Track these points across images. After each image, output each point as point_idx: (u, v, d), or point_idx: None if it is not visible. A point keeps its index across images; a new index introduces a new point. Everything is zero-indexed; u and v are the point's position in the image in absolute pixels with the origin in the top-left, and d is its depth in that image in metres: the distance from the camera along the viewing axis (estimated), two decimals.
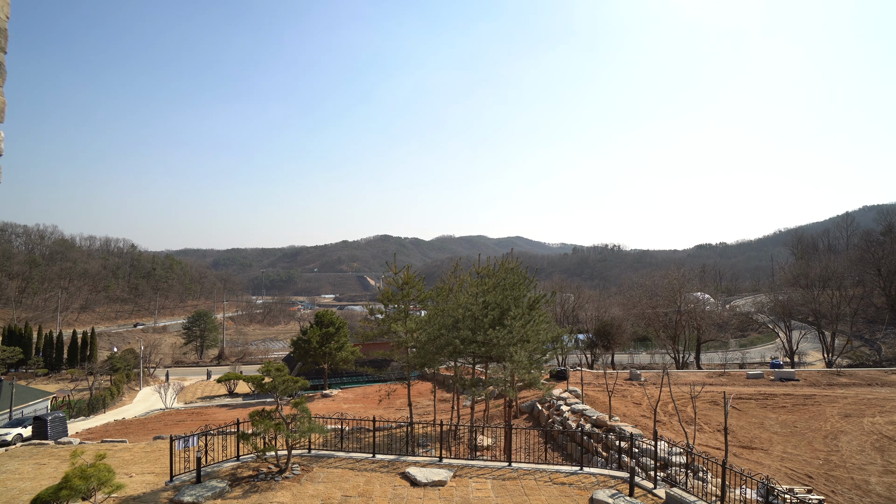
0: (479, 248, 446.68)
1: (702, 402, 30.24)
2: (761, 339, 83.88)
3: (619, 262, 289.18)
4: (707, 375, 41.31)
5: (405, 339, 26.34)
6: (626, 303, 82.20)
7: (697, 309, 61.80)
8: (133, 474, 22.16)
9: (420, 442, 27.62)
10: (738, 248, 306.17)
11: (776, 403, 30.20)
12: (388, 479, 16.78)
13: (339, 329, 55.09)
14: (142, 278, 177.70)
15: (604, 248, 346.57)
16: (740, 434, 24.27)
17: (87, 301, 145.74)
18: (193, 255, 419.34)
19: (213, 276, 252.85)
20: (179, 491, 15.73)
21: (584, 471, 17.22)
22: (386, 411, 40.85)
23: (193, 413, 44.56)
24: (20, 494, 20.14)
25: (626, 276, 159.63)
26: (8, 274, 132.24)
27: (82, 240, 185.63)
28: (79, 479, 14.44)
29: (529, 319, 25.39)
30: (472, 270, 29.75)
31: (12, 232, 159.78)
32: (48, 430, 33.38)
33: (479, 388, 25.02)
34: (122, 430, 38.21)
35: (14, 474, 24.72)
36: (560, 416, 28.56)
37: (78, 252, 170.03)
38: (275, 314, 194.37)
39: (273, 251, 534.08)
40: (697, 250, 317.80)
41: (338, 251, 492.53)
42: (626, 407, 29.45)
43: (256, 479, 16.69)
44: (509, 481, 16.47)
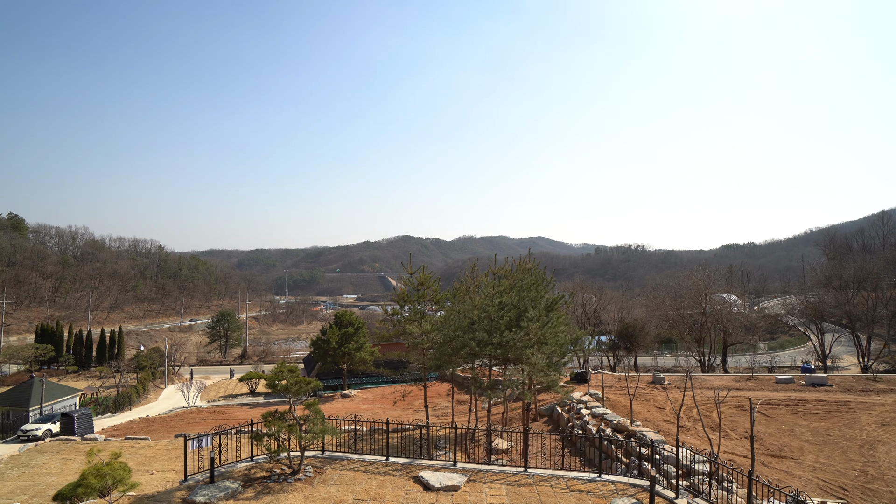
0: (501, 248, 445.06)
1: (728, 407, 29.24)
2: (792, 343, 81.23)
3: (643, 263, 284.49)
4: (734, 379, 40.04)
5: (420, 341, 26.07)
6: (649, 304, 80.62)
7: (724, 310, 60.12)
8: (154, 471, 22.40)
9: (437, 444, 27.33)
10: (766, 248, 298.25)
11: (808, 410, 29.00)
12: (400, 483, 16.51)
13: (358, 329, 55.15)
14: (168, 278, 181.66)
15: (627, 249, 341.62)
16: (769, 442, 23.30)
17: (117, 300, 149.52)
18: (219, 255, 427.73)
19: (238, 276, 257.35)
20: (193, 491, 15.73)
21: (602, 478, 16.67)
22: (404, 412, 40.68)
23: (215, 412, 45.11)
24: (47, 489, 20.54)
25: (650, 277, 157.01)
26: (42, 274, 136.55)
27: (112, 241, 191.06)
28: (94, 478, 14.53)
29: (547, 321, 24.89)
30: (488, 271, 29.28)
31: (46, 233, 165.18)
32: (75, 426, 34.21)
33: (495, 391, 24.59)
34: (145, 427, 38.86)
35: (42, 469, 25.29)
36: (580, 419, 27.93)
37: (108, 253, 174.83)
38: (297, 314, 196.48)
39: (296, 252, 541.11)
40: (724, 250, 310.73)
41: (360, 252, 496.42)
42: (648, 411, 28.64)
43: (269, 481, 16.60)
44: (525, 487, 16.03)
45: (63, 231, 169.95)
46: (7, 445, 33.31)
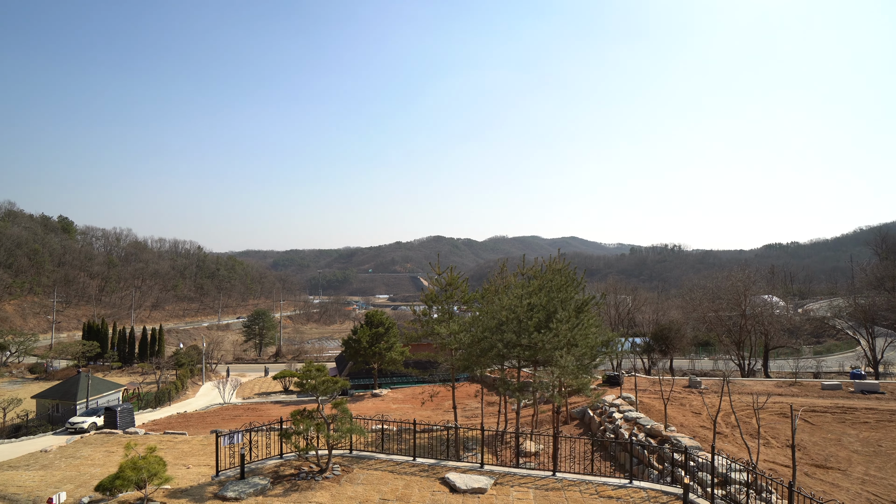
0: (533, 248, 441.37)
1: (769, 413, 28.04)
2: (839, 347, 77.52)
3: (680, 263, 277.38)
4: (776, 385, 38.42)
5: (448, 341, 25.94)
6: (685, 305, 78.27)
7: (765, 312, 57.77)
8: (190, 465, 23.03)
9: (466, 445, 27.16)
10: (812, 247, 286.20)
11: (856, 418, 27.51)
12: (427, 484, 16.43)
13: (388, 329, 55.52)
14: (207, 278, 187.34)
15: (663, 249, 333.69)
16: (813, 451, 22.19)
17: (158, 299, 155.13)
18: (255, 256, 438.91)
19: (273, 276, 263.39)
20: (224, 486, 16.04)
21: (633, 484, 16.19)
22: (433, 413, 40.65)
23: (249, 409, 46.14)
24: (91, 479, 21.38)
25: (687, 278, 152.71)
26: (89, 273, 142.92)
27: (153, 242, 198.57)
28: (131, 471, 15.00)
29: (577, 323, 24.39)
30: (517, 271, 28.92)
31: (93, 235, 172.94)
32: (118, 420, 35.56)
33: (524, 393, 24.25)
34: (183, 422, 40.06)
35: (87, 460, 26.37)
36: (612, 423, 27.29)
37: (150, 253, 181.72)
38: (331, 314, 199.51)
39: (329, 252, 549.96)
40: (766, 250, 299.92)
41: (392, 252, 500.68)
42: (683, 416, 27.74)
43: (297, 478, 16.78)
44: (553, 492, 15.71)
45: (108, 233, 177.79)
46: (56, 437, 34.89)
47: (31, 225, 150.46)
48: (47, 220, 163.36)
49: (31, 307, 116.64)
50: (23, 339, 74.33)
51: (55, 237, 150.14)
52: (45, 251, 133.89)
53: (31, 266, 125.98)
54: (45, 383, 59.86)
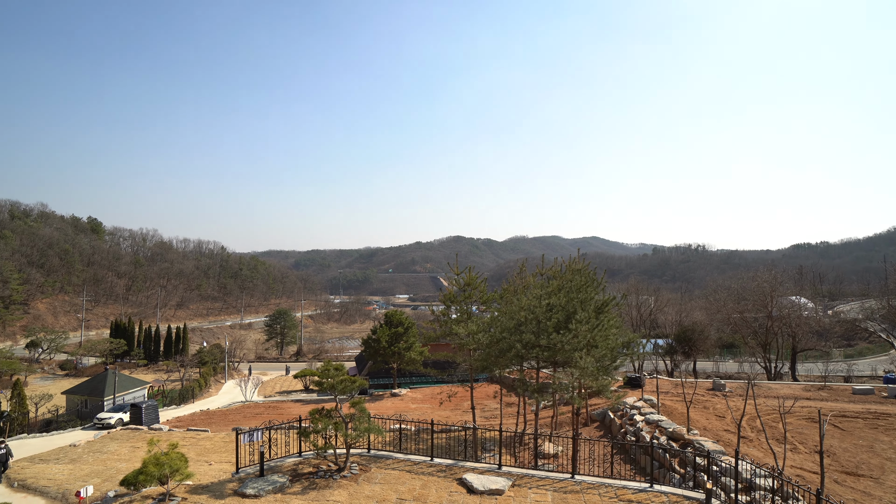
0: (553, 248, 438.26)
1: (797, 418, 27.27)
2: (871, 350, 75.08)
3: (704, 264, 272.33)
4: (804, 388, 37.37)
5: (467, 342, 25.85)
6: (709, 306, 76.74)
7: (793, 314, 56.30)
8: (212, 462, 23.38)
9: (484, 446, 27.03)
10: (842, 247, 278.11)
11: (890, 424, 26.57)
12: (444, 485, 16.38)
13: (407, 329, 55.62)
14: (230, 278, 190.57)
15: (687, 249, 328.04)
16: (843, 458, 21.49)
17: (182, 298, 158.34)
18: (276, 256, 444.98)
19: (294, 276, 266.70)
20: (243, 483, 16.23)
21: (654, 488, 15.88)
22: (452, 413, 40.60)
23: (270, 407, 46.71)
24: (117, 474, 21.88)
25: (711, 279, 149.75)
26: (117, 273, 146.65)
27: (178, 242, 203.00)
28: (153, 466, 15.28)
29: (597, 323, 24.05)
30: (536, 272, 28.67)
31: (120, 235, 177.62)
32: (143, 416, 36.34)
33: (543, 394, 24.02)
34: (206, 419, 40.74)
35: (113, 455, 27.01)
36: (633, 426, 26.86)
37: (175, 253, 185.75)
38: (351, 313, 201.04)
39: (350, 252, 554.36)
40: (794, 250, 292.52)
41: (412, 252, 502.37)
42: (707, 420, 27.16)
43: (315, 477, 16.89)
44: (571, 495, 15.51)
45: (135, 233, 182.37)
46: (85, 432, 35.81)
47: (62, 226, 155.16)
48: (77, 221, 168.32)
49: (62, 305, 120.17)
50: (54, 337, 76.67)
51: (85, 237, 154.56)
52: (76, 251, 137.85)
53: (62, 266, 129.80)
54: (75, 379, 61.60)
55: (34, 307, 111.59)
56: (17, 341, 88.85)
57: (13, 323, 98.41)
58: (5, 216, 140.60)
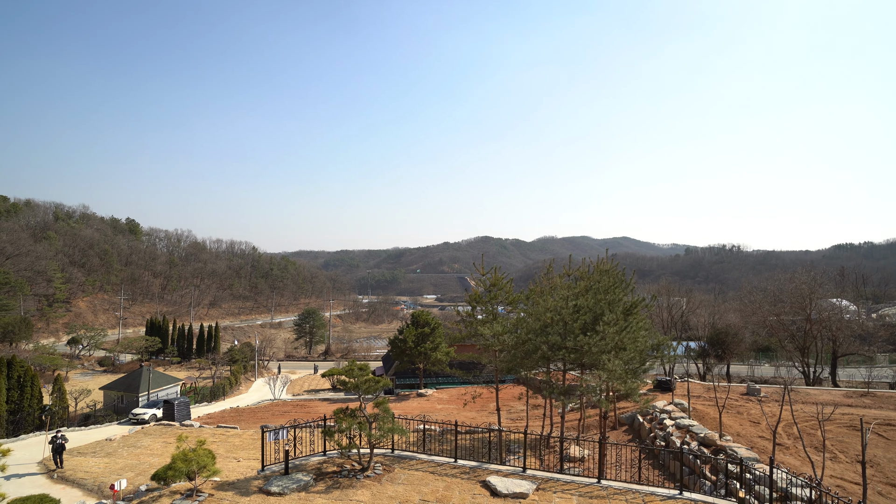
0: (583, 249, 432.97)
1: (837, 425, 26.09)
2: None
3: (739, 265, 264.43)
4: (845, 395, 35.77)
5: (492, 343, 25.63)
6: (744, 308, 74.28)
7: (833, 317, 54.02)
8: (240, 459, 23.80)
9: (510, 448, 26.76)
10: (888, 247, 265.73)
11: None
12: (467, 487, 16.23)
13: (434, 330, 55.62)
14: (261, 278, 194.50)
15: (721, 249, 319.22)
16: (888, 468, 20.43)
17: (215, 298, 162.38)
18: (306, 256, 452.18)
19: (324, 276, 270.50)
20: (268, 481, 16.42)
21: (683, 496, 15.38)
22: (478, 414, 40.37)
23: (298, 405, 47.35)
24: (149, 468, 22.49)
25: (747, 280, 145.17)
26: (153, 272, 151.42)
27: (211, 243, 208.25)
28: (182, 462, 15.58)
29: (626, 325, 23.50)
30: (563, 272, 28.22)
31: (156, 236, 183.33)
32: (175, 412, 37.29)
33: (570, 397, 23.62)
34: (235, 416, 41.56)
35: (146, 450, 27.77)
36: (663, 430, 26.18)
37: (208, 254, 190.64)
38: (379, 313, 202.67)
39: (378, 252, 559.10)
40: (835, 251, 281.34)
41: (439, 252, 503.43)
42: (740, 425, 26.24)
43: (339, 476, 16.96)
44: (597, 500, 15.15)
45: (171, 234, 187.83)
46: (120, 427, 37.00)
47: (102, 227, 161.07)
48: (116, 222, 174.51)
49: (101, 304, 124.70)
50: (93, 334, 79.62)
51: (123, 238, 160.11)
52: (114, 251, 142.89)
53: (101, 265, 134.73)
54: (112, 375, 63.80)
55: (75, 305, 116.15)
56: (60, 338, 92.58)
57: (56, 320, 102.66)
58: (50, 218, 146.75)
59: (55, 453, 23.48)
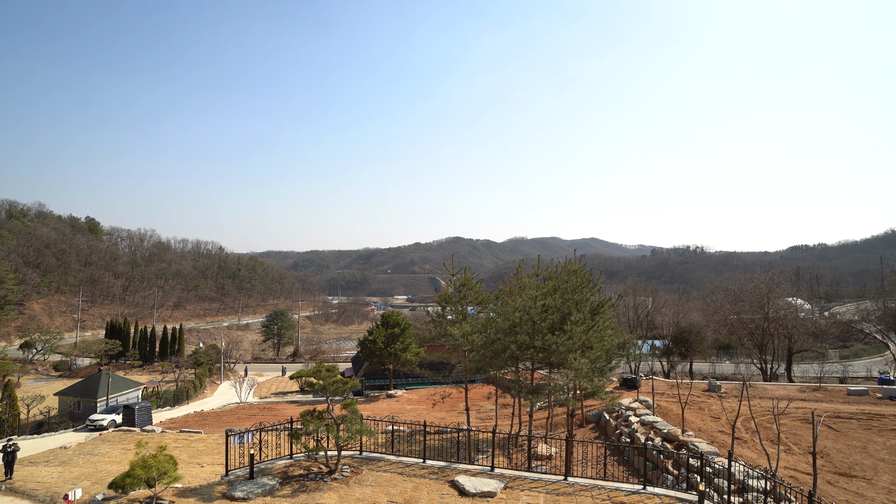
0: (552, 249, 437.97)
1: (791, 419, 27.21)
2: (867, 351, 75.13)
3: (703, 265, 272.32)
4: (799, 389, 37.32)
5: (461, 343, 25.73)
6: (706, 308, 76.71)
7: (789, 315, 56.31)
8: (204, 464, 23.19)
9: (479, 447, 26.90)
10: (839, 249, 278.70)
11: (884, 425, 26.52)
12: (436, 487, 16.24)
13: (404, 330, 55.45)
14: (227, 279, 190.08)
15: (685, 250, 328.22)
16: (837, 459, 21.42)
17: (180, 299, 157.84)
18: (275, 256, 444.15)
19: (293, 276, 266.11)
20: (233, 486, 16.07)
21: (647, 490, 15.76)
22: (448, 414, 40.45)
23: (265, 408, 46.51)
24: (106, 476, 21.65)
25: (709, 280, 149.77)
26: (114, 273, 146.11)
27: (176, 242, 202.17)
28: (141, 469, 15.11)
29: (593, 325, 23.94)
30: (532, 273, 28.54)
31: (118, 235, 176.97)
32: (136, 418, 36.09)
33: (538, 396, 23.90)
34: (199, 421, 40.53)
35: (104, 457, 26.76)
36: (628, 427, 26.76)
37: (172, 254, 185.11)
38: (349, 314, 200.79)
39: (349, 253, 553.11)
40: (792, 252, 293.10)
41: (410, 253, 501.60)
42: (702, 421, 27.08)
43: (306, 479, 16.74)
44: (564, 497, 15.39)
45: (133, 233, 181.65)
46: (76, 433, 35.57)
47: (60, 226, 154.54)
48: (75, 221, 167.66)
49: (58, 306, 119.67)
50: (49, 338, 76.22)
51: (82, 237, 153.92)
52: (73, 251, 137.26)
53: (58, 266, 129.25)
54: (69, 381, 61.25)
55: (30, 307, 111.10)
56: (12, 342, 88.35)
57: (8, 323, 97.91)
58: (2, 216, 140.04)
59: (6, 463, 22.41)
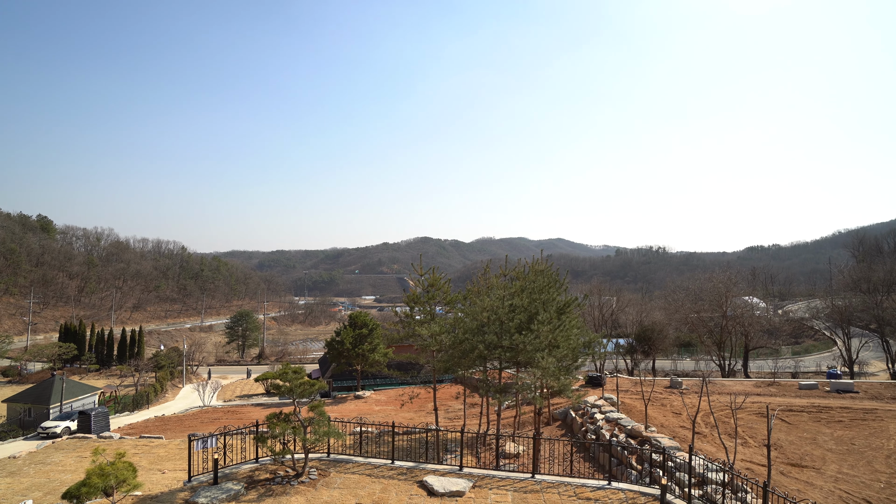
0: (520, 250, 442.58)
1: (748, 413, 28.32)
2: (817, 347, 78.89)
3: (665, 265, 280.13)
4: (755, 385, 38.88)
5: (429, 343, 25.78)
6: (668, 307, 79.03)
7: (746, 314, 58.60)
8: (165, 471, 22.53)
9: (447, 447, 27.00)
10: (792, 250, 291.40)
11: (832, 417, 27.92)
12: (404, 488, 16.24)
13: (372, 331, 55.11)
14: (190, 279, 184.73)
15: (648, 251, 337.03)
16: (789, 450, 22.43)
17: (140, 300, 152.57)
18: (240, 256, 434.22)
19: (258, 277, 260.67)
20: (195, 492, 15.67)
21: (612, 485, 16.16)
22: (416, 414, 40.43)
23: (229, 411, 45.47)
24: (60, 486, 20.78)
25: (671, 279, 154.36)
26: (69, 274, 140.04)
27: (136, 242, 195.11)
28: (98, 478, 14.56)
29: (559, 324, 24.37)
30: (500, 273, 28.83)
31: (73, 234, 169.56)
32: (92, 424, 34.74)
33: (506, 395, 24.16)
34: (160, 426, 39.32)
35: (58, 466, 25.65)
36: (593, 424, 27.32)
37: (131, 253, 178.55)
38: (316, 315, 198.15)
39: (316, 253, 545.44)
40: (748, 252, 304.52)
41: (378, 253, 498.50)
42: (664, 417, 27.89)
43: (272, 483, 16.47)
44: (531, 494, 15.62)
45: (89, 232, 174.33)
46: (27, 442, 34.00)
47: (9, 224, 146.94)
48: (26, 220, 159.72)
49: (7, 308, 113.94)
50: None
51: (34, 236, 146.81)
52: (23, 251, 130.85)
53: (7, 266, 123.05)
54: (19, 387, 58.41)
55: None
56: None
57: None
58: None
59: None
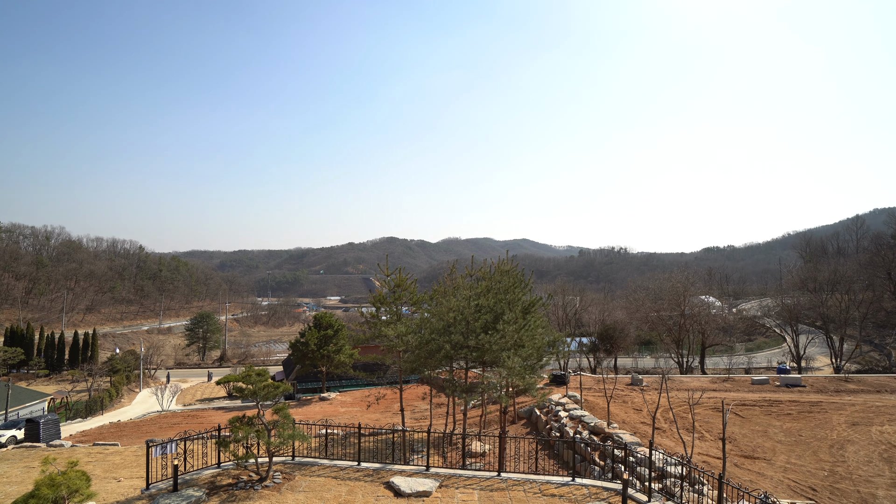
0: (486, 250, 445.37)
1: (704, 408, 29.43)
2: (768, 344, 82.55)
3: (626, 265, 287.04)
4: (711, 381, 40.40)
5: (396, 343, 25.74)
6: (629, 306, 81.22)
7: (702, 312, 60.80)
8: (122, 479, 21.71)
9: (414, 448, 27.01)
10: (745, 251, 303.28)
11: (781, 410, 29.33)
12: (371, 489, 16.18)
13: (337, 332, 54.52)
14: (148, 279, 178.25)
15: (610, 251, 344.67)
16: (742, 443, 23.45)
17: (93, 302, 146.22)
18: (200, 256, 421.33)
19: (219, 277, 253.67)
20: (154, 500, 15.21)
21: (576, 482, 16.53)
22: (382, 416, 40.24)
23: (190, 416, 44.18)
24: (5, 499, 19.74)
25: (632, 279, 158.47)
26: (15, 275, 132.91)
27: (89, 241, 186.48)
28: (48, 488, 13.95)
29: (524, 324, 24.73)
30: (466, 273, 29.03)
31: (20, 233, 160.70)
32: (40, 432, 33.09)
33: (472, 394, 24.36)
34: (116, 432, 37.84)
35: (2, 478, 24.34)
36: (558, 422, 27.85)
37: (84, 253, 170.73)
38: (280, 316, 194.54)
39: (279, 253, 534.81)
40: (705, 253, 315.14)
41: (344, 253, 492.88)
42: (626, 413, 28.68)
43: (235, 488, 16.13)
44: (497, 492, 15.82)
45: (38, 231, 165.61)
46: None
47: None
48: None
49: None
50: None
51: None
52: None
53: None
54: None
55: None
56: None
57: None
58: None
59: None
